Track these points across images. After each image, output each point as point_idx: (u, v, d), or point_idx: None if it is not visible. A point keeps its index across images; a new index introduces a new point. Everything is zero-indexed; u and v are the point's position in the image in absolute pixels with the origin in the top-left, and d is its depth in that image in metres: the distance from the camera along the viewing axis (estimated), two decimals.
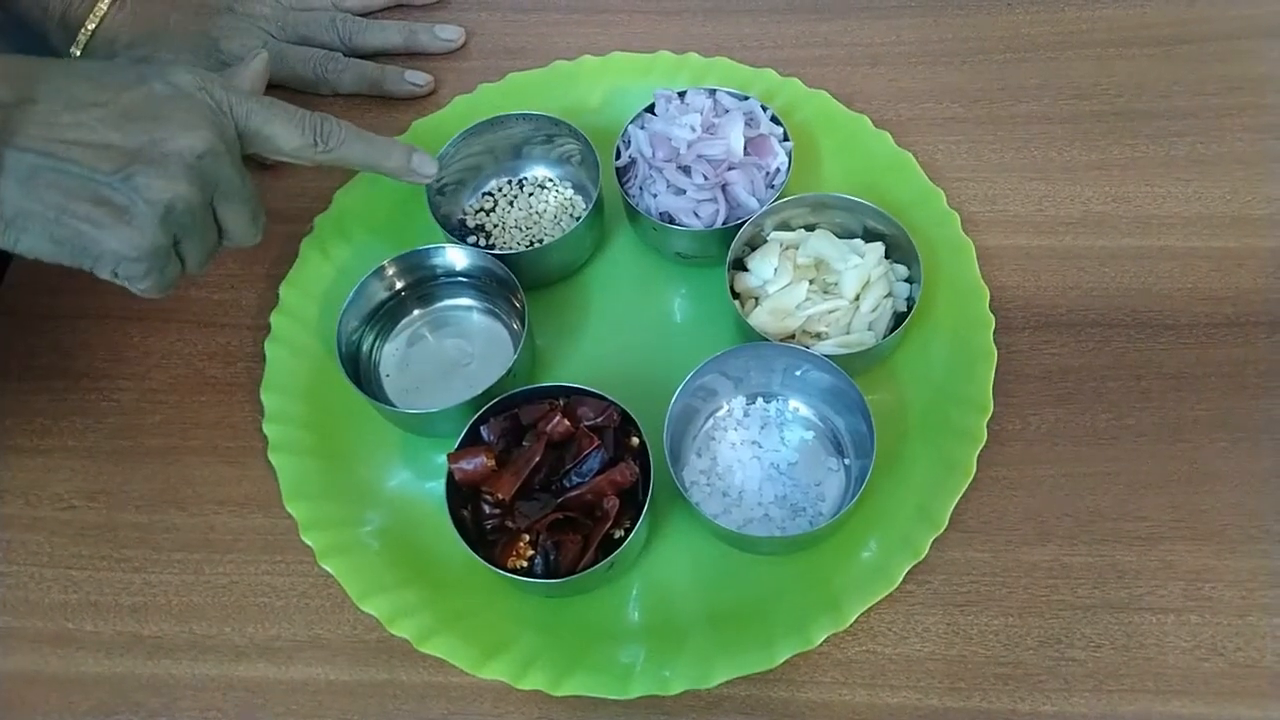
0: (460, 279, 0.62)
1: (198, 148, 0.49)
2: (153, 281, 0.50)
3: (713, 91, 0.64)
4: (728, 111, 0.63)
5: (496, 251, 0.61)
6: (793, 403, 0.58)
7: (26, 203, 0.45)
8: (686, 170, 0.61)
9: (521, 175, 0.67)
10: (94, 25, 0.66)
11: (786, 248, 0.60)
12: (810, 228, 0.62)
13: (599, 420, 0.54)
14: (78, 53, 0.67)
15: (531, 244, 0.64)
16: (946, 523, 0.54)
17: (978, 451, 0.55)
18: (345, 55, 0.72)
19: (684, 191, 0.61)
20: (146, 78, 0.49)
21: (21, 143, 0.45)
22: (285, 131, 0.54)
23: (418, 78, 0.72)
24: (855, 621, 0.52)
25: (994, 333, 0.59)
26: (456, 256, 0.60)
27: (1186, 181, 0.66)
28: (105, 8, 0.67)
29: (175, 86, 0.50)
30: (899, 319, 0.58)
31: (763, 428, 0.57)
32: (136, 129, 0.47)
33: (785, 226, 0.61)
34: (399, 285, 0.61)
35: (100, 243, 0.47)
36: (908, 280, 0.60)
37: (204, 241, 0.51)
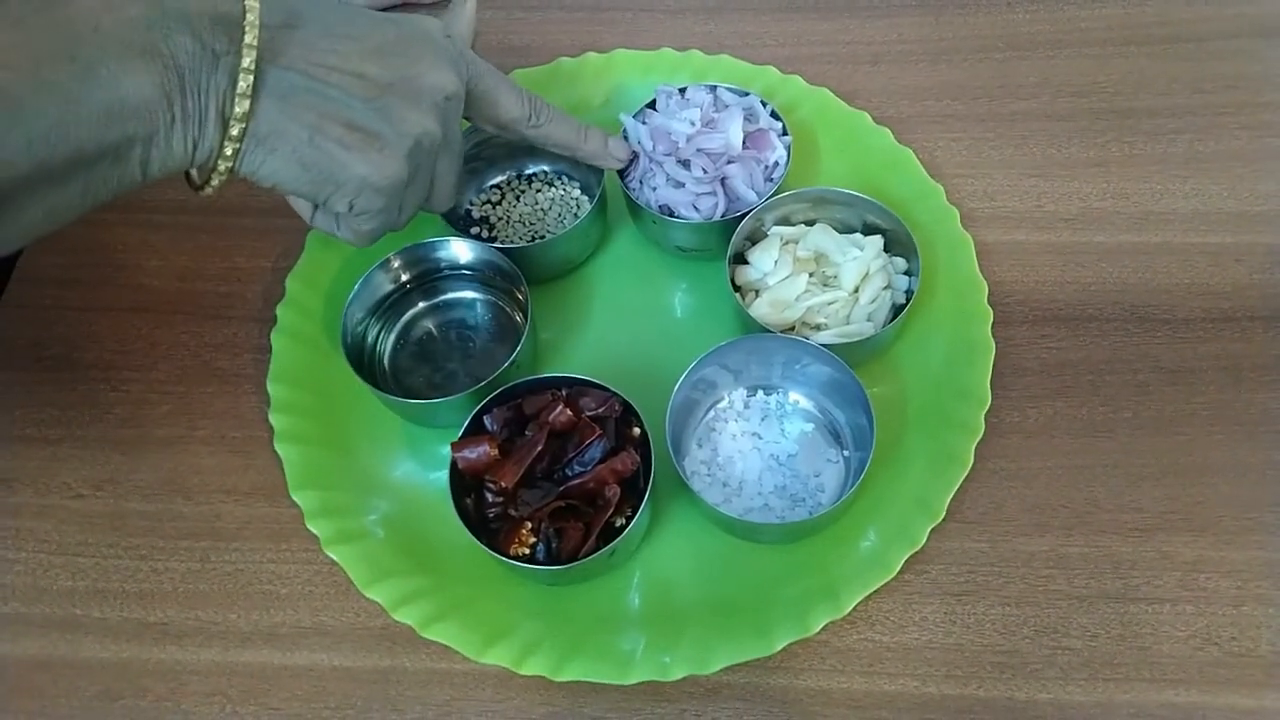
0: (464, 271, 0.63)
1: (447, 88, 0.49)
2: (382, 221, 0.50)
3: (713, 88, 0.65)
4: (727, 107, 0.64)
5: (501, 245, 0.62)
6: (793, 395, 0.59)
7: (282, 120, 0.44)
8: (686, 164, 0.61)
9: (527, 171, 0.68)
10: None
11: (787, 242, 0.61)
12: (810, 223, 0.62)
13: (601, 410, 0.54)
14: None
15: (534, 238, 0.65)
16: (944, 513, 0.54)
17: (975, 443, 0.56)
18: None
19: (683, 185, 0.61)
20: (395, 20, 0.50)
21: (284, 62, 0.45)
22: (509, 99, 0.55)
23: None
24: (854, 610, 0.52)
25: (992, 326, 0.59)
26: (461, 249, 0.61)
27: (1184, 178, 0.66)
28: None
29: (424, 30, 0.50)
30: (898, 311, 0.59)
31: (763, 419, 0.58)
32: (391, 63, 0.47)
33: (785, 221, 0.62)
34: (404, 278, 0.62)
35: (349, 167, 0.46)
36: (906, 274, 0.60)
37: (421, 191, 0.52)
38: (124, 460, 0.60)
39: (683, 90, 0.64)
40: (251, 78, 0.43)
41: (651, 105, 0.65)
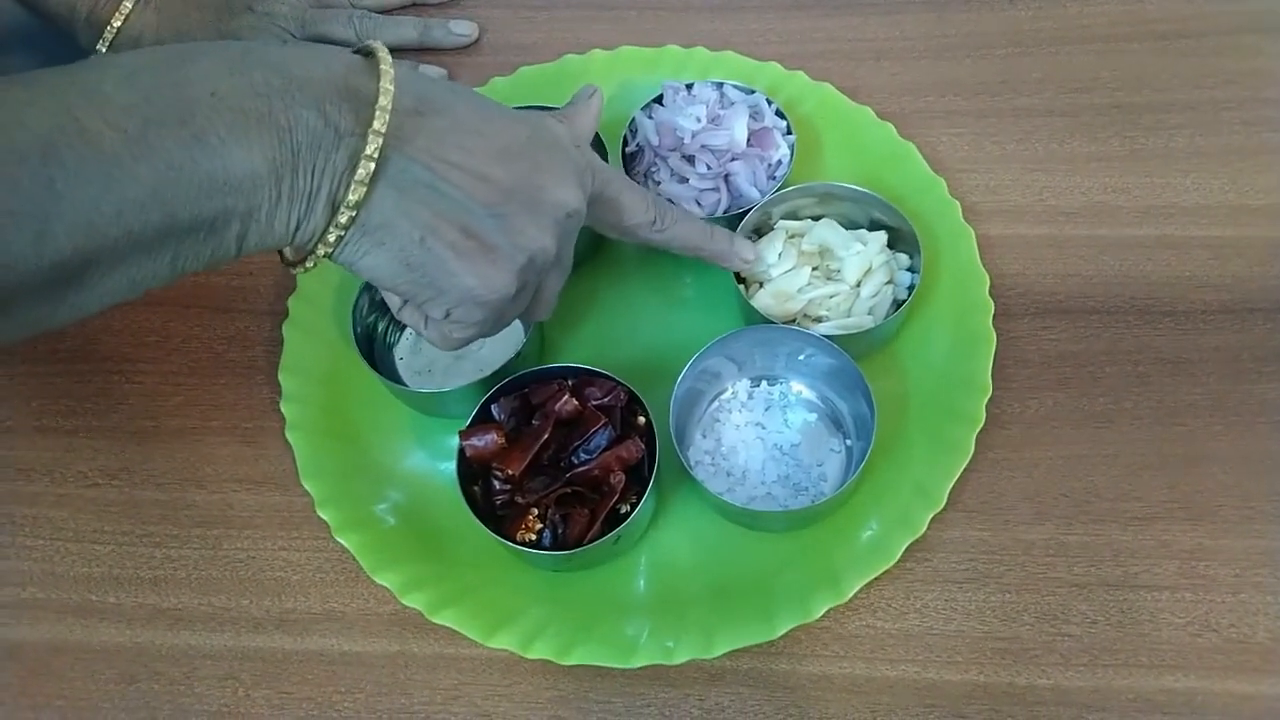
0: None
1: (570, 204, 0.47)
2: (477, 332, 0.48)
3: (720, 84, 0.66)
4: (733, 104, 0.65)
5: None
6: (795, 385, 0.59)
7: (395, 214, 0.42)
8: (690, 159, 0.62)
9: None
10: (120, 23, 0.68)
11: (792, 235, 0.62)
12: (817, 218, 0.63)
13: (606, 400, 0.55)
14: (104, 49, 0.69)
15: None
16: (945, 501, 0.55)
17: (976, 432, 0.56)
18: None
19: (687, 180, 0.62)
20: (525, 120, 0.48)
21: (409, 151, 0.42)
22: (634, 204, 0.53)
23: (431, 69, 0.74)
24: (855, 597, 0.53)
25: (994, 318, 0.60)
26: None
27: (1185, 173, 0.67)
28: (130, 6, 0.68)
29: (554, 136, 0.48)
30: (899, 306, 0.59)
31: (766, 410, 0.59)
32: (516, 167, 0.45)
33: (792, 216, 0.63)
34: None
35: (456, 276, 0.44)
36: (910, 270, 0.61)
37: (523, 304, 0.49)
38: (139, 450, 0.61)
39: (689, 86, 0.65)
40: (373, 165, 0.41)
41: (659, 100, 0.66)
